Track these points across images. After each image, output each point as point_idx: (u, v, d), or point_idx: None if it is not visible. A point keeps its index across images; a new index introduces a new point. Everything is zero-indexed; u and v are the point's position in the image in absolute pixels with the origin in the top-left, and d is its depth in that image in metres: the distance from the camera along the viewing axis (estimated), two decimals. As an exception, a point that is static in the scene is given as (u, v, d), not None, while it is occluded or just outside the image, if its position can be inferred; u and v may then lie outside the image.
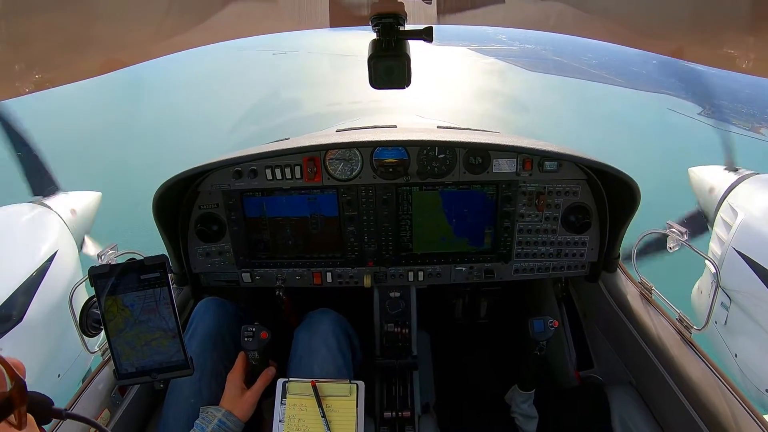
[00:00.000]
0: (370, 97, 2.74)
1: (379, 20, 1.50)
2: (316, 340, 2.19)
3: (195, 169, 2.26)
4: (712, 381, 1.91)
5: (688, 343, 2.10)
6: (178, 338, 1.56)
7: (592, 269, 2.67)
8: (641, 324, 2.33)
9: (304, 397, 1.90)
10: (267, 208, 2.52)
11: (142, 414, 2.23)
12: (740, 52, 1.30)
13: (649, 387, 2.30)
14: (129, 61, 1.70)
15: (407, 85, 1.60)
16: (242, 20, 1.75)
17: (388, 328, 2.69)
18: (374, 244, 2.60)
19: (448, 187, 2.51)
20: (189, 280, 2.60)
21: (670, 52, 1.61)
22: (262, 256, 2.62)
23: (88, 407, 1.92)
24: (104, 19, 1.36)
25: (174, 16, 1.47)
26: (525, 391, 2.36)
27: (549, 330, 2.16)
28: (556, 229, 2.57)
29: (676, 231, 2.25)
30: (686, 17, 1.35)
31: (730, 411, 1.77)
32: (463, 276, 2.69)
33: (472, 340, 3.66)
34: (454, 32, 59.12)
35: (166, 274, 1.54)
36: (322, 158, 2.44)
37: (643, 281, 2.46)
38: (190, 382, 2.01)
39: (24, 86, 1.38)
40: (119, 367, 1.55)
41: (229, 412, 1.86)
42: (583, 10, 1.62)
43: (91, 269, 1.52)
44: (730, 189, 4.44)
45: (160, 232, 2.38)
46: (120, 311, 1.53)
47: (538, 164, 2.45)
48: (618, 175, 2.23)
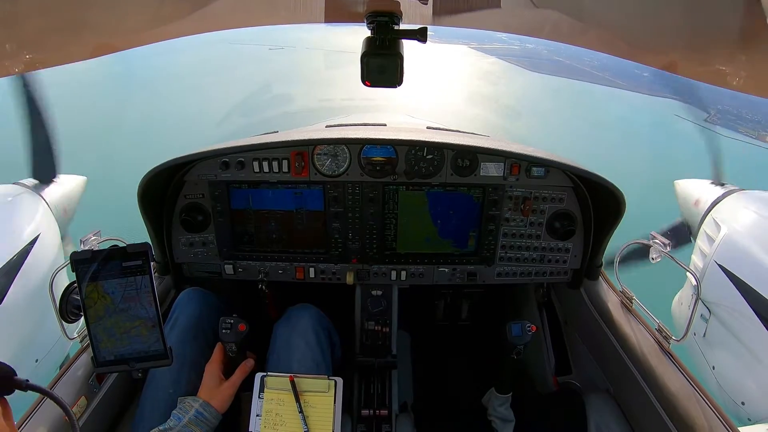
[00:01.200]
0: (363, 94, 2.74)
1: (375, 18, 1.50)
2: (295, 335, 2.19)
3: (182, 158, 2.24)
4: (690, 392, 1.93)
5: (667, 354, 2.12)
6: (157, 328, 1.55)
7: (575, 276, 2.69)
8: (621, 333, 2.35)
9: (282, 391, 1.90)
10: (253, 200, 2.51)
11: (119, 402, 2.22)
12: (731, 69, 1.32)
13: (626, 396, 2.32)
14: (121, 46, 1.69)
15: (399, 83, 1.61)
16: (237, 10, 1.74)
17: (369, 326, 2.70)
18: (358, 242, 2.61)
19: (434, 188, 2.51)
20: (171, 270, 2.58)
21: (662, 66, 1.63)
22: (245, 248, 2.61)
23: (65, 394, 1.90)
24: (98, 2, 1.35)
25: (169, 3, 1.46)
26: (502, 395, 2.37)
27: (527, 334, 2.18)
28: (541, 235, 2.59)
29: (659, 242, 2.27)
30: (680, 32, 1.37)
31: (707, 422, 1.79)
32: (445, 277, 2.71)
33: (452, 341, 3.67)
34: (454, 30, 59.09)
35: (148, 263, 1.53)
36: (310, 153, 2.43)
37: (624, 290, 2.49)
38: (169, 372, 2.00)
39: (14, 65, 1.37)
40: (98, 355, 1.54)
41: (207, 403, 1.85)
42: (579, 20, 1.63)
43: (73, 254, 1.51)
44: (714, 203, 4.50)
45: (144, 220, 2.36)
46: (100, 298, 1.52)
47: (526, 170, 2.46)
48: (604, 184, 2.25)
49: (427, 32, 1.53)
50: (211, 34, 1.93)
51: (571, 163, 2.33)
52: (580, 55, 52.18)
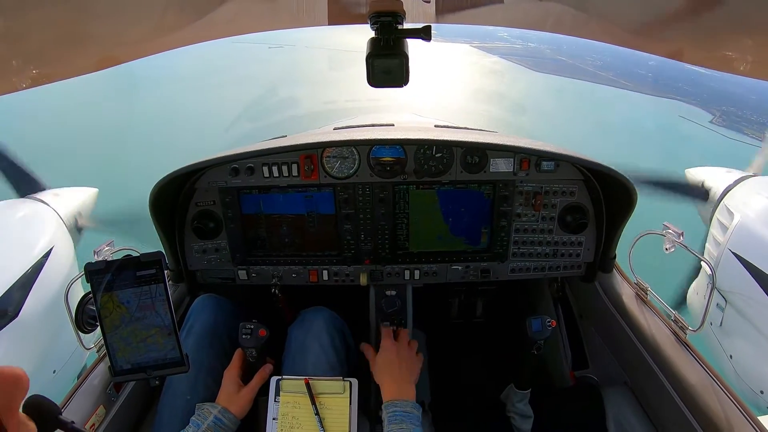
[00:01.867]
0: (368, 95, 2.73)
1: (378, 18, 1.50)
2: (309, 337, 2.19)
3: (192, 165, 2.25)
4: (707, 382, 1.91)
5: (684, 344, 2.10)
6: (173, 335, 1.56)
7: (588, 269, 2.67)
8: (637, 324, 2.33)
9: (298, 394, 1.90)
10: (264, 205, 2.52)
11: (137, 411, 2.23)
12: (738, 54, 1.30)
13: (644, 388, 2.30)
14: (125, 57, 1.70)
15: (405, 83, 1.60)
16: (240, 17, 1.75)
17: (384, 327, 2.69)
18: (370, 243, 2.60)
19: (445, 186, 2.50)
20: (185, 277, 2.60)
21: (668, 54, 1.62)
22: (258, 253, 2.62)
23: (83, 404, 1.92)
24: (101, 15, 1.36)
25: (171, 13, 1.47)
26: (521, 391, 2.36)
27: (546, 329, 2.17)
28: (553, 229, 2.58)
29: (672, 232, 2.25)
30: (684, 19, 1.35)
31: (725, 412, 1.78)
32: (459, 275, 2.69)
33: (467, 339, 3.66)
34: (455, 29, 58.01)
35: (162, 271, 1.53)
36: (319, 156, 2.43)
37: (638, 282, 2.47)
38: (185, 378, 2.01)
39: (21, 81, 1.38)
40: (115, 364, 1.55)
41: (225, 409, 1.86)
42: (582, 10, 1.62)
43: (87, 265, 1.52)
44: (726, 191, 4.46)
45: (157, 229, 2.37)
46: (116, 308, 1.53)
47: (536, 164, 2.45)
48: (615, 176, 2.23)
49: (431, 31, 1.53)
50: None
51: (580, 156, 2.32)
52: (582, 54, 51.27)
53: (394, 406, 1.93)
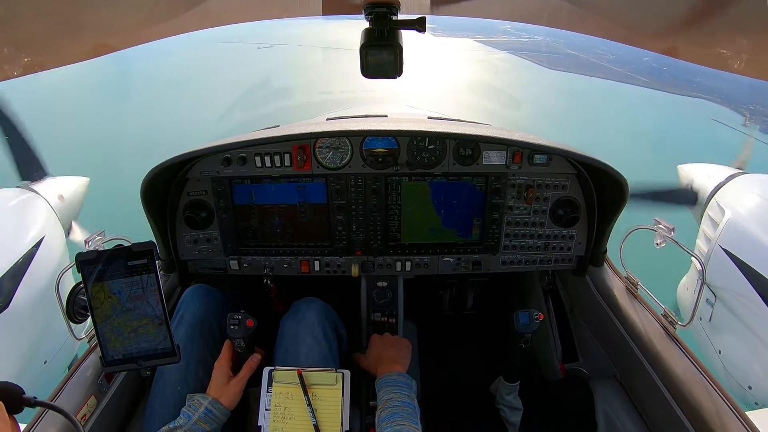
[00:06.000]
0: (362, 86, 2.72)
1: (372, 9, 1.49)
2: (302, 329, 2.19)
3: (184, 155, 2.24)
4: (696, 377, 1.93)
5: (673, 339, 2.12)
6: (164, 325, 1.56)
7: (579, 263, 2.69)
8: (627, 318, 2.35)
9: (290, 385, 1.90)
10: (256, 195, 2.51)
11: (128, 401, 2.23)
12: (732, 52, 1.31)
13: (633, 381, 2.33)
14: (118, 45, 1.69)
15: (399, 74, 1.60)
16: (233, 6, 1.73)
17: (375, 318, 2.70)
18: (362, 234, 2.60)
19: (437, 177, 2.51)
20: (176, 267, 2.59)
21: (663, 50, 1.62)
22: (250, 243, 2.62)
23: (74, 394, 1.91)
24: (94, 2, 1.35)
25: (164, 1, 1.46)
26: (510, 383, 2.38)
27: (534, 323, 2.18)
28: (545, 223, 2.59)
29: (663, 227, 2.26)
30: (679, 16, 1.36)
31: (714, 407, 1.80)
32: (450, 267, 2.70)
33: (458, 331, 3.68)
34: (458, 23, 56.16)
35: (153, 261, 1.53)
36: (312, 146, 2.43)
37: (629, 276, 2.48)
38: (176, 369, 2.01)
39: (13, 69, 1.37)
40: (106, 354, 1.55)
41: (216, 400, 1.86)
42: (578, 5, 1.62)
43: (79, 255, 1.51)
44: (718, 187, 4.48)
45: (148, 218, 2.36)
46: (107, 298, 1.52)
47: (528, 157, 2.45)
48: (607, 170, 2.24)
49: (425, 22, 1.52)
50: (198, 35, 1.93)
51: (573, 149, 2.32)
52: (592, 47, 48.17)
53: (388, 377, 2.00)
